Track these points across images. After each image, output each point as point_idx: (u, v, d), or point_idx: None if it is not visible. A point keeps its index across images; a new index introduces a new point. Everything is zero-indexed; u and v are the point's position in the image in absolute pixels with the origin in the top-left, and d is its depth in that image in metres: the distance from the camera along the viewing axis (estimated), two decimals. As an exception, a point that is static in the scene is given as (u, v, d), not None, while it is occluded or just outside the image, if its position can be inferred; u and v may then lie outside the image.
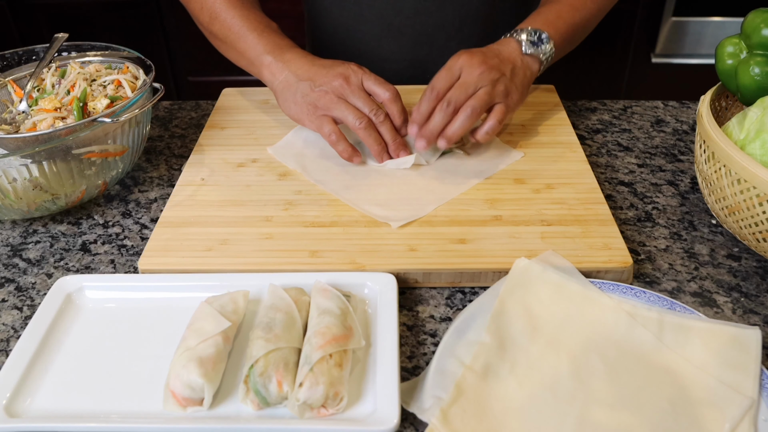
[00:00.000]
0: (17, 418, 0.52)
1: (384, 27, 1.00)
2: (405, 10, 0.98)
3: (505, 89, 0.77)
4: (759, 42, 0.68)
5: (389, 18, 0.99)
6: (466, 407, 0.52)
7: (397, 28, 1.00)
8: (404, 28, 1.00)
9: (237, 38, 0.85)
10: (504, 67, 0.78)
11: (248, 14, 0.86)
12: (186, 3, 0.92)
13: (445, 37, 1.00)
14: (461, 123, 0.75)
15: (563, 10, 0.87)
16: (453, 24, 1.00)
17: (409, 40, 1.01)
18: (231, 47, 0.87)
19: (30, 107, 0.77)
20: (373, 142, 0.78)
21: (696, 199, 0.78)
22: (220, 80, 0.93)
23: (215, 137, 0.88)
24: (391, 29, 1.00)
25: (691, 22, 2.01)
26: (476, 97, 0.75)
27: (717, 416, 0.51)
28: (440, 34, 1.00)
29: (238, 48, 0.86)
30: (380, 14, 0.99)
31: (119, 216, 0.77)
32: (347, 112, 0.77)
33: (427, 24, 0.99)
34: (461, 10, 0.98)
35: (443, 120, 0.75)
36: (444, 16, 0.98)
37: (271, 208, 0.74)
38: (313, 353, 0.53)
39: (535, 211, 0.72)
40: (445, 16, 0.99)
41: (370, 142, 0.78)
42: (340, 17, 1.02)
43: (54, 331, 0.60)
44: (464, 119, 0.75)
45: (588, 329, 0.59)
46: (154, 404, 0.53)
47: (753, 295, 0.65)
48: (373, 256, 0.66)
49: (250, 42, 0.84)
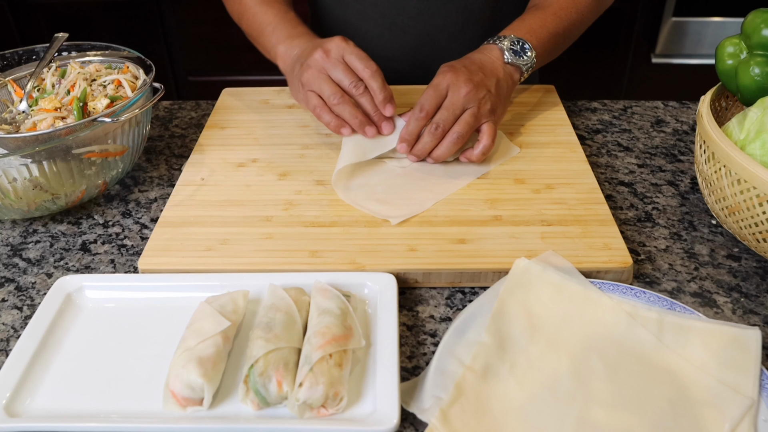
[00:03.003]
0: (17, 417, 0.52)
1: (386, 26, 1.00)
2: (408, 10, 0.98)
3: (491, 107, 0.78)
4: (759, 42, 0.68)
5: (392, 17, 0.99)
6: (465, 407, 0.52)
7: (400, 27, 1.00)
8: (407, 27, 1.00)
9: (258, 33, 0.90)
10: (489, 83, 0.79)
11: (268, 8, 0.90)
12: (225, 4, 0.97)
13: (448, 37, 1.00)
14: (447, 147, 0.77)
15: (547, 19, 0.87)
16: (455, 25, 1.00)
17: (412, 39, 1.01)
18: (257, 42, 0.92)
19: (30, 107, 0.77)
20: (350, 116, 0.77)
21: (696, 200, 0.78)
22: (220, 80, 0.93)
23: (215, 137, 0.88)
24: (393, 28, 1.00)
25: (691, 23, 2.01)
26: (462, 123, 0.76)
27: (717, 416, 0.51)
28: (442, 34, 1.00)
29: (260, 42, 0.90)
30: (383, 13, 0.99)
31: (119, 216, 0.77)
32: (324, 86, 0.77)
33: (430, 24, 0.99)
34: (464, 11, 0.99)
35: (432, 142, 0.77)
36: (447, 16, 0.99)
37: (271, 208, 0.74)
38: (313, 353, 0.53)
39: (535, 211, 0.72)
40: (447, 17, 0.99)
41: (347, 117, 0.77)
42: (343, 15, 1.02)
43: (54, 330, 0.60)
44: (450, 144, 0.77)
45: (588, 329, 0.59)
46: (154, 404, 0.53)
47: (753, 295, 0.65)
48: (373, 256, 0.66)
49: (267, 35, 0.88)
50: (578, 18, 0.91)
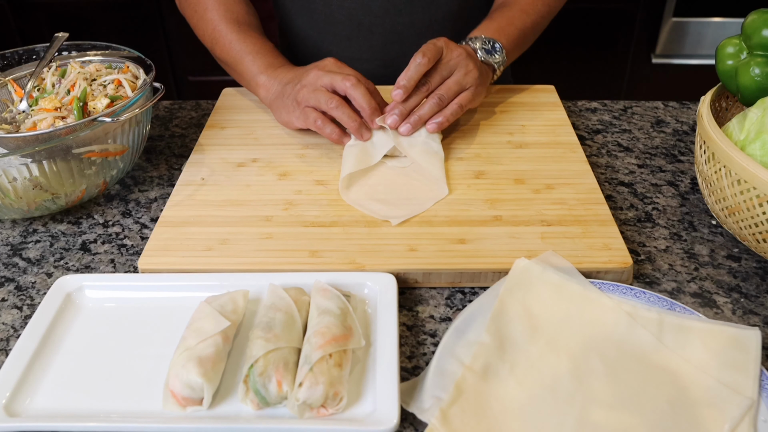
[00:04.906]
0: (17, 417, 0.52)
1: (354, 27, 1.01)
2: (374, 9, 0.99)
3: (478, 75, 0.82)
4: (759, 43, 0.68)
5: (359, 18, 1.00)
6: (465, 407, 0.52)
7: (367, 27, 1.01)
8: (374, 27, 1.00)
9: (235, 61, 0.90)
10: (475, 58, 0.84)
11: (245, 37, 0.90)
12: (194, 28, 0.97)
13: (416, 34, 1.01)
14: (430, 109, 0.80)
15: (515, 16, 0.91)
16: (423, 22, 1.00)
17: (380, 39, 1.02)
18: (232, 69, 0.92)
19: (30, 107, 0.77)
20: (348, 119, 0.79)
21: (696, 200, 0.78)
22: (220, 80, 0.93)
23: (215, 137, 0.88)
24: (361, 29, 1.01)
25: (691, 23, 2.01)
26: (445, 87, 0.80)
27: (717, 417, 0.51)
28: (410, 32, 1.01)
29: (237, 70, 0.91)
30: (350, 14, 1.00)
31: (119, 215, 0.77)
32: (319, 95, 0.79)
33: (397, 22, 1.00)
34: (430, 7, 1.00)
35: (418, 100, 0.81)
36: (413, 14, 1.00)
37: (271, 208, 0.74)
38: (312, 353, 0.53)
39: (535, 211, 0.72)
40: (414, 14, 1.00)
41: (345, 120, 0.79)
42: (311, 20, 1.03)
43: (54, 330, 0.60)
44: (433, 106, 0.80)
45: (588, 330, 0.59)
46: (154, 404, 0.53)
47: (753, 295, 0.65)
48: (373, 256, 0.66)
49: (247, 64, 0.89)
50: (546, 10, 0.95)
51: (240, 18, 0.92)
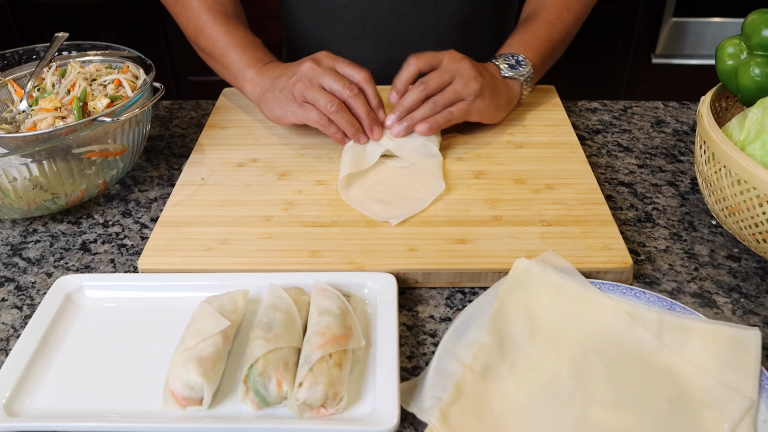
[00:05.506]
0: (17, 417, 0.52)
1: (359, 27, 1.01)
2: (380, 10, 0.99)
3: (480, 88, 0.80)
4: (759, 43, 0.68)
5: (364, 18, 1.00)
6: (465, 407, 0.52)
7: (373, 28, 1.00)
8: (379, 27, 1.00)
9: (221, 53, 0.88)
10: (485, 74, 0.82)
11: (233, 30, 0.89)
12: (175, 16, 0.94)
13: (421, 36, 1.01)
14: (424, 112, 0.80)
15: (539, 29, 0.91)
16: (428, 23, 1.00)
17: (385, 39, 1.02)
18: (216, 61, 0.90)
19: (30, 106, 0.77)
20: (347, 125, 0.78)
21: (696, 200, 0.78)
22: (220, 80, 0.93)
23: (215, 137, 0.88)
24: (366, 29, 1.01)
25: (691, 23, 2.01)
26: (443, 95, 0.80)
27: (716, 417, 0.51)
28: (415, 33, 1.01)
29: (222, 62, 0.89)
30: (355, 15, 1.00)
31: (119, 215, 0.77)
32: (318, 95, 0.78)
33: (402, 23, 1.00)
34: (435, 9, 0.99)
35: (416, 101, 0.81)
36: (418, 15, 0.99)
37: (271, 208, 0.74)
38: (312, 353, 0.53)
39: (535, 211, 0.72)
40: (419, 15, 0.99)
41: (344, 125, 0.78)
42: (315, 18, 1.03)
43: (54, 330, 0.60)
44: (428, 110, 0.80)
45: (588, 330, 0.59)
46: (154, 404, 0.53)
47: (753, 296, 0.65)
48: (373, 256, 0.66)
49: (234, 57, 0.87)
50: (573, 18, 0.93)
51: (228, 10, 0.91)
